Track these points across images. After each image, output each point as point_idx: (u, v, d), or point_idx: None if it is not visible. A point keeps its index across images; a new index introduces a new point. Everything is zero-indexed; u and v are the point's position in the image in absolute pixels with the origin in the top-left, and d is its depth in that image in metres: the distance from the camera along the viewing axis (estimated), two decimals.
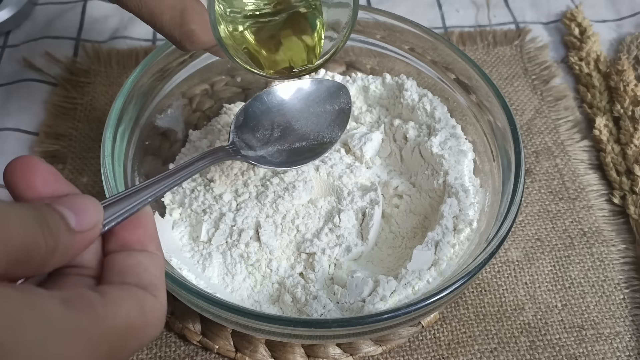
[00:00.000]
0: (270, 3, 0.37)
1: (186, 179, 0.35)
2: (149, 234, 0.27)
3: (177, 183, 0.33)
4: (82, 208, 0.23)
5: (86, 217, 0.23)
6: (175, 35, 0.34)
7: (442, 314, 0.46)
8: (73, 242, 0.23)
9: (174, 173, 0.33)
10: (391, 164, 0.50)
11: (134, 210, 0.27)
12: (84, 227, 0.23)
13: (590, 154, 0.56)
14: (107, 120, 0.42)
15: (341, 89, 0.46)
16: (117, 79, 0.60)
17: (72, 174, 0.53)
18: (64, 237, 0.22)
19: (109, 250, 0.26)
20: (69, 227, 0.22)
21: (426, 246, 0.42)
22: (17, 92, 0.58)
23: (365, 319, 0.35)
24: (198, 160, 0.37)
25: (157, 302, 0.24)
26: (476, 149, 0.48)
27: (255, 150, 0.43)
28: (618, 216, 0.52)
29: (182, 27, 0.34)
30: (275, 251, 0.44)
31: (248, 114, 0.44)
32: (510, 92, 0.60)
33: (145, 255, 0.25)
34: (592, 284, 0.48)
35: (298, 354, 0.43)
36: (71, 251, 0.23)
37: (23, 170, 0.23)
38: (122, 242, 0.26)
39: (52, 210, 0.22)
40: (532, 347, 0.44)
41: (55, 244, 0.21)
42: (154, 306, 0.24)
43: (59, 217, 0.22)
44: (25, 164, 0.23)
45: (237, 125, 0.43)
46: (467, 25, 0.67)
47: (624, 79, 0.57)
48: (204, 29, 0.34)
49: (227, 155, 0.40)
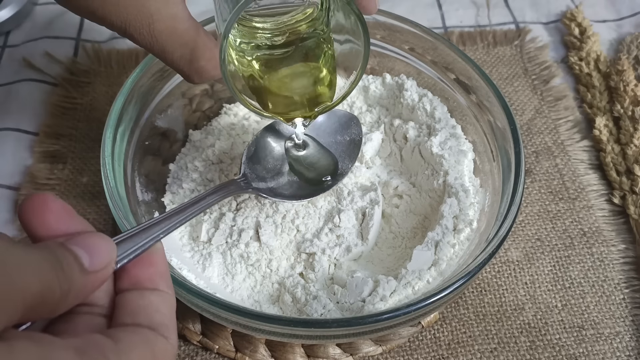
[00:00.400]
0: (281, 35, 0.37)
1: (198, 213, 0.35)
2: (160, 272, 0.27)
3: (189, 218, 0.34)
4: (96, 247, 0.23)
5: (99, 256, 0.23)
6: (184, 70, 0.35)
7: (442, 314, 0.46)
8: (86, 282, 0.23)
9: (186, 208, 0.34)
10: (391, 164, 0.50)
11: (145, 247, 0.27)
12: (97, 267, 0.23)
13: (590, 154, 0.56)
14: (107, 120, 0.42)
15: (352, 119, 0.46)
16: (117, 79, 0.60)
17: (72, 174, 0.53)
18: (77, 278, 0.22)
19: (121, 289, 0.26)
20: (83, 268, 0.22)
21: (426, 246, 0.42)
22: (17, 92, 0.58)
23: (365, 319, 0.35)
24: (210, 194, 0.37)
25: (167, 344, 0.24)
26: (476, 149, 0.48)
27: (267, 182, 0.42)
28: (618, 216, 0.52)
29: (192, 63, 0.34)
30: (275, 251, 0.44)
31: (259, 145, 0.44)
32: (510, 92, 0.60)
33: (156, 295, 0.26)
34: (592, 284, 0.48)
35: (298, 354, 0.43)
36: (84, 291, 0.23)
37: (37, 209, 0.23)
38: (134, 280, 0.26)
39: (65, 251, 0.22)
40: (532, 347, 0.44)
41: (69, 286, 0.21)
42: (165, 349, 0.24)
43: (73, 258, 0.22)
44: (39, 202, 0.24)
45: (248, 157, 0.43)
46: (467, 25, 0.67)
47: (624, 79, 0.57)
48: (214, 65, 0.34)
49: (238, 189, 0.40)
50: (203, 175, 0.47)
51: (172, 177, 0.48)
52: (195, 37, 0.33)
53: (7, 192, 0.52)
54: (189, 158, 0.49)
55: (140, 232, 0.27)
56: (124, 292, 0.25)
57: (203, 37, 0.34)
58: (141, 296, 0.25)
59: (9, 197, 0.52)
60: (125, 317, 0.24)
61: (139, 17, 0.31)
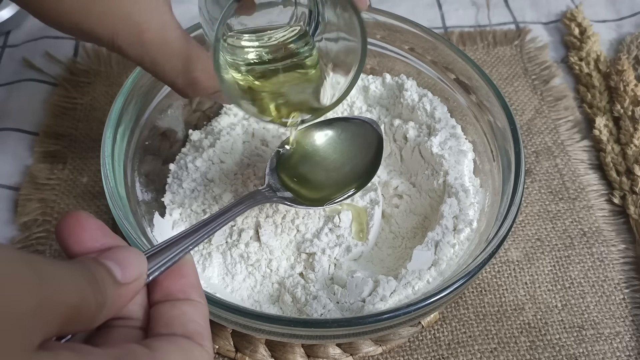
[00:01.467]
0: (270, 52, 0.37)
1: (225, 224, 0.35)
2: (191, 283, 0.27)
3: (217, 229, 0.34)
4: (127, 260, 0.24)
5: (131, 269, 0.24)
6: (178, 82, 0.34)
7: (442, 314, 0.46)
8: (119, 294, 0.23)
9: (213, 220, 0.34)
10: (391, 164, 0.50)
11: (175, 259, 0.28)
12: (129, 279, 0.24)
13: (590, 154, 0.56)
14: (107, 120, 0.42)
15: (372, 123, 0.45)
16: (117, 79, 0.60)
17: (72, 174, 0.53)
18: (111, 291, 0.23)
19: (154, 301, 0.26)
20: (115, 280, 0.23)
21: (426, 246, 0.42)
22: (17, 92, 0.58)
23: (365, 319, 0.35)
24: (236, 205, 0.37)
25: (203, 351, 0.25)
26: (476, 149, 0.48)
27: (291, 190, 0.42)
28: (618, 216, 0.52)
29: (185, 74, 0.34)
30: (275, 251, 0.44)
31: (281, 156, 0.44)
32: (510, 92, 0.60)
33: (189, 305, 0.26)
34: (592, 284, 0.48)
35: (298, 354, 0.43)
36: (118, 303, 0.23)
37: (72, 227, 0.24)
38: (167, 291, 0.26)
39: (99, 265, 0.23)
40: (532, 347, 0.44)
41: (103, 299, 0.22)
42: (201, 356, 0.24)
43: (106, 271, 0.23)
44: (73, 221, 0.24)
45: (271, 168, 0.43)
46: (467, 25, 0.67)
47: (624, 79, 0.57)
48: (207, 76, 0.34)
49: (264, 199, 0.40)
50: (203, 175, 0.47)
51: (172, 177, 0.48)
52: (186, 47, 0.33)
53: (7, 192, 0.52)
54: (189, 158, 0.49)
55: (170, 244, 0.28)
56: (157, 304, 0.26)
57: (194, 46, 0.33)
58: (174, 307, 0.26)
59: (9, 197, 0.52)
60: (160, 327, 0.25)
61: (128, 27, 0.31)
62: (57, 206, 0.50)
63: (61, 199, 0.51)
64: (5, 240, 0.49)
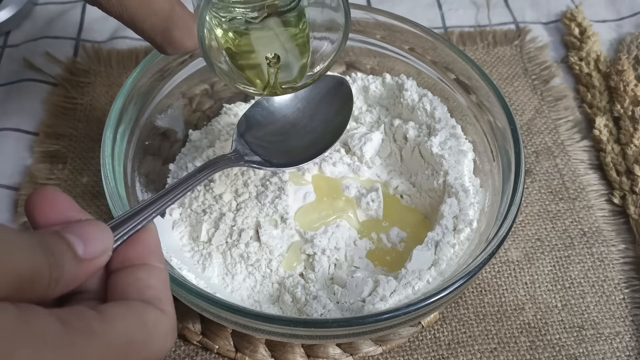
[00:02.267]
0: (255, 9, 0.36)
1: (188, 191, 0.35)
2: (149, 249, 0.26)
3: (179, 196, 0.33)
4: (91, 235, 0.23)
5: (94, 244, 0.23)
6: (156, 40, 0.34)
7: (442, 314, 0.46)
8: (79, 269, 0.22)
9: (175, 187, 0.33)
10: (391, 164, 0.50)
11: (137, 228, 0.27)
12: (91, 255, 0.23)
13: (590, 154, 0.56)
14: (107, 120, 0.42)
15: (342, 82, 0.45)
16: (117, 79, 0.60)
17: (72, 174, 0.53)
18: (70, 266, 0.22)
19: (110, 270, 0.25)
20: (76, 255, 0.22)
21: (426, 246, 0.42)
22: (17, 92, 0.58)
23: (365, 319, 0.35)
24: (200, 171, 0.37)
25: (162, 315, 0.23)
26: (476, 149, 0.48)
27: (259, 154, 0.42)
28: (618, 216, 0.52)
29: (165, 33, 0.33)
30: (275, 251, 0.43)
31: (249, 120, 0.44)
32: (510, 92, 0.60)
33: (145, 270, 0.25)
34: (592, 284, 0.48)
35: (298, 354, 0.43)
36: (77, 279, 0.23)
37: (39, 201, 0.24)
38: (122, 259, 0.25)
39: (59, 239, 0.22)
40: (532, 347, 0.44)
41: (59, 274, 0.21)
42: (159, 319, 0.23)
43: (66, 245, 0.22)
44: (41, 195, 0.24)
45: (239, 133, 0.43)
46: (467, 25, 0.67)
47: (624, 79, 0.57)
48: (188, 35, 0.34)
49: (229, 163, 0.40)
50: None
51: (172, 177, 0.48)
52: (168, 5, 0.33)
53: (7, 192, 0.52)
54: (189, 158, 0.49)
55: (133, 214, 0.27)
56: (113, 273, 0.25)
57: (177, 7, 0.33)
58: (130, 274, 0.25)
59: (9, 197, 0.52)
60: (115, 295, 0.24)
61: None
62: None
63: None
64: None
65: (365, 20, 0.49)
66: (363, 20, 0.49)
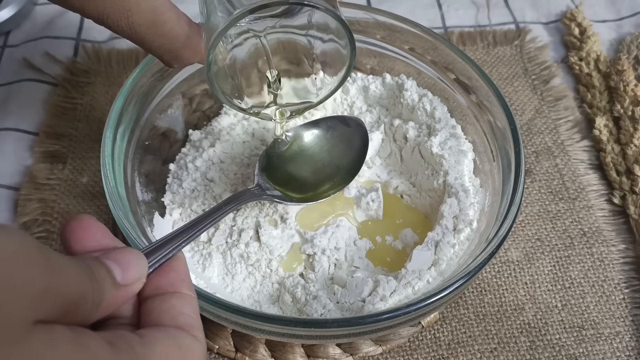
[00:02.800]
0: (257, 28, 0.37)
1: (216, 222, 0.36)
2: (180, 277, 0.27)
3: (208, 227, 0.35)
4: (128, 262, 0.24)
5: (131, 271, 0.24)
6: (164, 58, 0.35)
7: (442, 314, 0.46)
8: (117, 295, 0.24)
9: (205, 218, 0.35)
10: (391, 164, 0.50)
11: (169, 256, 0.28)
12: (128, 281, 0.24)
13: (590, 154, 0.56)
14: (107, 120, 0.42)
15: (357, 122, 0.46)
16: (117, 79, 0.60)
17: (72, 174, 0.53)
18: (109, 291, 0.23)
19: (143, 297, 0.26)
20: (115, 281, 0.23)
21: (426, 246, 0.42)
22: (17, 92, 0.58)
23: (365, 319, 0.35)
24: (227, 203, 0.38)
25: (195, 341, 0.25)
26: (476, 149, 0.48)
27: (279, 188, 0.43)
28: (618, 216, 0.52)
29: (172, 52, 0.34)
30: (275, 251, 0.43)
31: (270, 155, 0.44)
32: (510, 92, 0.60)
33: (178, 298, 0.26)
34: (592, 284, 0.48)
35: (298, 354, 0.43)
36: (115, 303, 0.24)
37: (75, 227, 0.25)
38: (156, 286, 0.26)
39: (100, 264, 0.23)
40: (532, 347, 0.44)
41: (100, 298, 0.22)
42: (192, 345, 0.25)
43: (106, 271, 0.23)
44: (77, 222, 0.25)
45: (260, 168, 0.43)
46: (467, 25, 0.67)
47: (624, 79, 0.57)
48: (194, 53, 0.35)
49: (253, 197, 0.41)
50: (203, 175, 0.47)
51: (172, 177, 0.48)
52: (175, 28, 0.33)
53: (7, 192, 0.52)
54: (189, 158, 0.49)
55: (164, 243, 0.29)
56: (147, 299, 0.26)
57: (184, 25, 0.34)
58: (164, 301, 0.26)
59: (9, 197, 0.52)
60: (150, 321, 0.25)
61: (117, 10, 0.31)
62: (57, 206, 0.50)
63: (61, 199, 0.51)
64: None
65: (365, 20, 0.49)
66: (363, 20, 0.49)
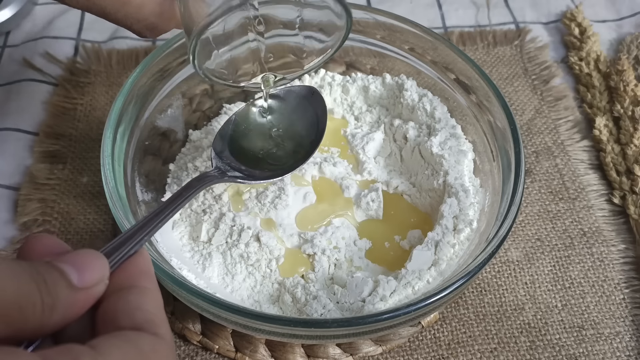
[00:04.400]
0: None
1: (177, 211, 0.34)
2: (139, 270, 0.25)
3: (169, 218, 0.33)
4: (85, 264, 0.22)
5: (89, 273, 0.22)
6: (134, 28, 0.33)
7: (442, 314, 0.46)
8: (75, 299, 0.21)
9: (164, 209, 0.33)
10: (391, 164, 0.50)
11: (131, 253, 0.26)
12: (86, 284, 0.22)
13: (590, 154, 0.56)
14: (107, 120, 0.42)
15: (312, 91, 0.45)
16: (117, 79, 0.60)
17: (72, 174, 0.53)
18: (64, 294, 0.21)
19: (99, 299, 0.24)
20: (70, 284, 0.21)
21: (426, 246, 0.42)
22: (17, 92, 0.58)
23: (365, 319, 0.35)
24: (185, 189, 0.36)
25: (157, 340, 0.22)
26: (476, 149, 0.48)
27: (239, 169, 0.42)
28: (618, 216, 0.52)
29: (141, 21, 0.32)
30: (275, 251, 0.43)
31: (224, 138, 0.43)
32: (510, 92, 0.60)
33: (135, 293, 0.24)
34: (592, 284, 0.48)
35: (298, 354, 0.43)
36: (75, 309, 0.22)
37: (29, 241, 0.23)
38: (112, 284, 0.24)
39: (50, 267, 0.21)
40: (532, 347, 0.44)
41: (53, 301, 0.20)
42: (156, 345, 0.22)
43: (59, 273, 0.21)
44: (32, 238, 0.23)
45: (217, 151, 0.42)
46: (467, 25, 0.67)
47: (624, 79, 0.57)
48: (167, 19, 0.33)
49: (214, 179, 0.40)
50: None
51: (172, 177, 0.48)
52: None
53: (7, 192, 0.52)
54: (189, 158, 0.49)
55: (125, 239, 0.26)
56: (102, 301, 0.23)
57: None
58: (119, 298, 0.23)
59: (9, 197, 0.52)
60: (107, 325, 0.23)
61: None
62: (57, 206, 0.50)
63: (61, 199, 0.51)
64: (5, 240, 0.49)
65: (365, 20, 0.49)
66: (363, 20, 0.49)
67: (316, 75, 0.53)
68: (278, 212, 0.45)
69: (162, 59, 0.46)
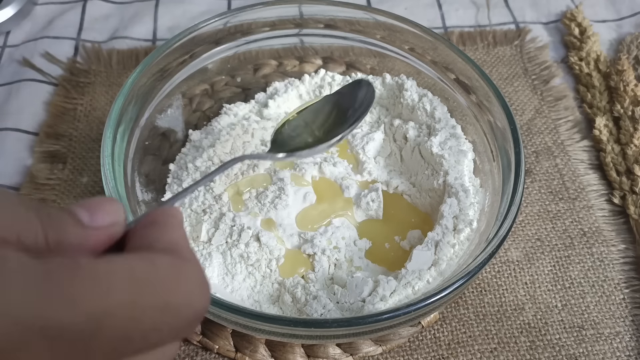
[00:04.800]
0: None
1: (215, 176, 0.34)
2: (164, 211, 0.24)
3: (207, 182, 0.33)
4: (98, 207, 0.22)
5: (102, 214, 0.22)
6: None
7: (442, 314, 0.46)
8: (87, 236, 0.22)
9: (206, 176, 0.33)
10: (391, 164, 0.50)
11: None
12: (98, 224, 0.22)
13: (590, 154, 0.56)
14: (107, 120, 0.42)
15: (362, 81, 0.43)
16: (117, 79, 0.60)
17: (72, 174, 0.53)
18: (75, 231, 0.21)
19: None
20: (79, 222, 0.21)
21: (426, 246, 0.42)
22: (17, 92, 0.58)
23: (365, 319, 0.35)
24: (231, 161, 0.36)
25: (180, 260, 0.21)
26: (476, 149, 0.48)
27: None
28: (618, 216, 0.52)
29: None
30: (275, 251, 0.43)
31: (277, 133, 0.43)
32: (510, 92, 0.60)
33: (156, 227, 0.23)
34: (592, 284, 0.48)
35: (298, 354, 0.43)
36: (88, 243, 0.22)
37: None
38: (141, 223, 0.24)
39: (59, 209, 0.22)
40: (532, 347, 0.44)
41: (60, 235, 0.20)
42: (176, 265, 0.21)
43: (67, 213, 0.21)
44: None
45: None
46: (467, 25, 0.67)
47: (624, 79, 0.57)
48: None
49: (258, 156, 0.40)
50: (203, 175, 0.47)
51: (172, 177, 0.48)
52: None
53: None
54: (189, 158, 0.49)
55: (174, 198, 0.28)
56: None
57: None
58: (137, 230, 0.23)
59: None
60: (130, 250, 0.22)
61: None
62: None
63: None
64: None
65: (365, 20, 0.49)
66: (363, 20, 0.49)
67: (316, 75, 0.53)
68: (278, 212, 0.45)
69: (162, 59, 0.46)
